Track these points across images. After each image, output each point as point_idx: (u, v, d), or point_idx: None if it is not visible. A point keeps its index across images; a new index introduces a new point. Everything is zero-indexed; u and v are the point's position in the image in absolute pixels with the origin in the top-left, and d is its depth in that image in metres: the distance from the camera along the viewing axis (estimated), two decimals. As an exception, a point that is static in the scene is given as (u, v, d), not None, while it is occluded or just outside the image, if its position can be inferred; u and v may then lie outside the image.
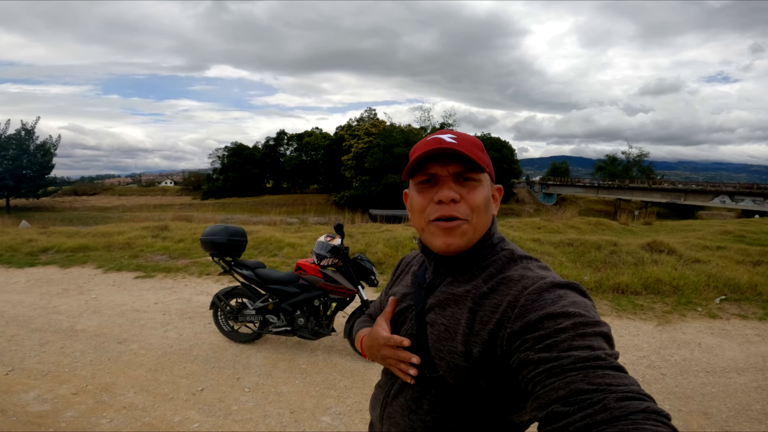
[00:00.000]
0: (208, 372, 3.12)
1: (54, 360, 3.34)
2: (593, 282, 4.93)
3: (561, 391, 0.54)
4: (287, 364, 3.22)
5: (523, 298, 0.66)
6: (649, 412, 0.49)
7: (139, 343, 3.63)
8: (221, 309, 3.55)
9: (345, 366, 3.19)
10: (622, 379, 0.54)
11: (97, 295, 5.09)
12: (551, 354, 0.57)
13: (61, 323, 4.13)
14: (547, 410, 0.54)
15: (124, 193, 66.84)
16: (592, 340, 0.58)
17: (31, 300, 4.90)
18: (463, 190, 0.74)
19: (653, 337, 3.78)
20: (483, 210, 0.75)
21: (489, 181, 0.77)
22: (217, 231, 3.32)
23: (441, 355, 0.73)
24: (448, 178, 0.74)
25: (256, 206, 44.26)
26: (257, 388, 2.90)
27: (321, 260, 3.21)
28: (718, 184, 43.29)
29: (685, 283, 4.83)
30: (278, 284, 3.29)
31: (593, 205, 50.51)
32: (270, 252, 7.14)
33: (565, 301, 0.64)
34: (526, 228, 10.28)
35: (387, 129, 45.21)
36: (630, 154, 53.94)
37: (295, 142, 59.32)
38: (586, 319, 0.61)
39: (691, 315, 4.30)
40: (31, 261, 7.00)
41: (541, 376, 0.57)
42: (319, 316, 3.28)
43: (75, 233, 9.32)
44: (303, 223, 12.87)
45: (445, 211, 0.73)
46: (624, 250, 5.91)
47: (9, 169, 38.91)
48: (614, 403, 0.50)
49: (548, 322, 0.61)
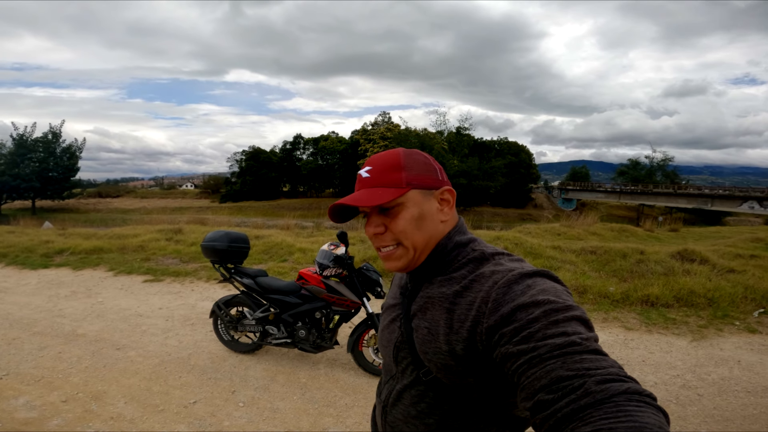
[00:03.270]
0: (203, 383, 2.95)
1: (50, 365, 3.26)
2: (620, 293, 4.59)
3: (543, 380, 0.54)
4: (286, 378, 3.02)
5: (494, 292, 0.67)
6: (631, 393, 0.50)
7: (137, 350, 3.50)
8: (221, 318, 3.39)
9: (347, 382, 2.97)
10: (600, 362, 0.54)
11: (104, 298, 5.02)
12: (528, 345, 0.58)
13: (63, 327, 4.05)
14: (534, 399, 0.54)
15: (146, 196, 68.39)
16: (566, 326, 0.58)
17: (39, 302, 4.87)
18: (386, 219, 0.77)
19: (688, 354, 3.44)
20: (412, 230, 0.76)
21: (418, 195, 0.77)
22: (217, 237, 3.16)
23: (428, 357, 0.74)
24: (371, 212, 0.79)
25: (273, 210, 44.69)
26: (253, 402, 2.71)
27: (323, 270, 3.00)
28: (746, 189, 41.53)
29: (720, 295, 4.44)
30: (279, 294, 3.11)
31: (614, 211, 49.16)
32: (280, 257, 7.00)
33: (534, 290, 0.64)
34: (546, 234, 9.90)
35: (402, 133, 45.01)
36: (654, 159, 52.29)
37: (311, 146, 59.73)
38: (557, 305, 0.61)
39: (728, 329, 3.93)
40: (45, 262, 7.04)
41: (523, 367, 0.57)
42: (321, 328, 3.07)
43: (92, 235, 9.42)
44: (317, 227, 12.76)
45: (376, 243, 0.80)
46: (652, 259, 5.52)
47: (36, 171, 40.23)
48: (595, 387, 0.50)
49: (520, 314, 0.62)
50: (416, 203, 0.77)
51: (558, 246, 6.70)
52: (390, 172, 0.77)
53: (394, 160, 0.79)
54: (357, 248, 6.84)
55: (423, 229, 0.77)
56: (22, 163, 40.06)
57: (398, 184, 0.76)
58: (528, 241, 7.19)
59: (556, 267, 5.65)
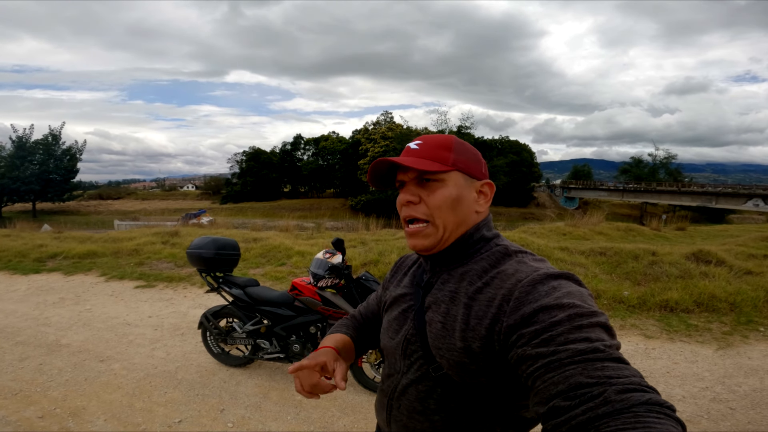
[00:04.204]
0: (190, 400, 2.72)
1: (29, 378, 3.05)
2: (636, 298, 4.33)
3: (561, 385, 0.53)
4: (280, 395, 2.78)
5: (516, 291, 0.65)
6: (652, 404, 0.48)
7: (121, 363, 3.28)
8: (209, 330, 3.15)
9: (346, 400, 2.72)
10: (623, 370, 0.52)
11: (92, 305, 4.80)
12: (549, 348, 0.56)
13: (47, 336, 3.83)
14: (549, 405, 0.53)
15: (147, 198, 68.23)
16: (590, 332, 0.57)
17: (25, 310, 4.66)
18: (423, 192, 0.76)
19: (715, 364, 3.20)
20: (447, 209, 0.75)
21: (461, 178, 0.77)
22: (204, 244, 2.92)
23: (441, 353, 0.73)
24: (410, 182, 0.78)
25: (273, 210, 44.49)
26: (242, 422, 2.47)
27: (318, 281, 2.73)
28: (750, 187, 41.15)
29: (742, 300, 4.18)
30: (270, 306, 2.86)
31: (617, 209, 48.83)
32: (278, 261, 6.77)
33: (560, 292, 0.63)
34: (551, 235, 9.65)
35: (403, 132, 44.71)
36: (656, 156, 51.88)
37: (312, 147, 59.49)
38: (582, 309, 0.59)
39: (753, 336, 3.69)
40: (37, 267, 6.83)
41: (540, 371, 0.56)
42: (317, 342, 2.83)
43: (87, 238, 9.21)
44: (318, 228, 12.54)
45: (406, 212, 0.78)
46: (666, 261, 5.26)
47: (36, 174, 40.12)
48: (615, 396, 0.49)
49: (543, 315, 0.60)
50: (457, 185, 0.76)
51: (565, 247, 6.45)
52: (439, 150, 0.77)
53: (445, 141, 0.79)
54: (357, 251, 6.59)
55: (457, 212, 0.76)
56: (22, 166, 39.97)
57: (445, 162, 0.76)
58: (534, 241, 6.94)
59: (565, 270, 5.41)
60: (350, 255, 6.18)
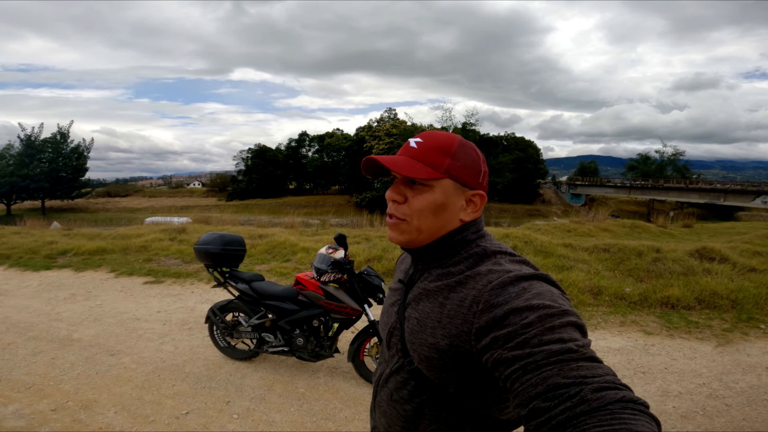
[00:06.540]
0: (197, 392, 2.80)
1: (42, 372, 3.15)
2: (637, 294, 4.35)
3: (539, 387, 0.54)
4: (284, 387, 2.86)
5: (486, 293, 0.66)
6: (626, 401, 0.50)
7: (131, 356, 3.37)
8: (216, 324, 3.23)
9: (348, 392, 2.80)
10: (597, 369, 0.54)
11: (103, 301, 4.91)
12: (524, 351, 0.57)
13: (59, 331, 3.94)
14: (529, 406, 0.54)
15: (154, 195, 68.80)
16: (562, 332, 0.58)
17: (37, 305, 4.78)
18: (410, 192, 0.77)
19: (713, 361, 3.22)
20: (428, 213, 0.75)
21: (451, 186, 0.76)
22: (211, 240, 3.00)
23: (413, 347, 0.75)
24: (400, 180, 0.79)
25: (279, 207, 44.68)
26: (247, 414, 2.55)
27: (321, 275, 2.80)
28: (759, 184, 40.60)
29: (744, 297, 4.19)
30: (275, 300, 2.94)
31: (624, 206, 48.43)
32: (283, 257, 6.85)
33: (530, 293, 0.63)
34: (555, 231, 9.64)
35: (408, 129, 44.65)
36: (664, 153, 51.32)
37: (316, 144, 59.58)
38: (552, 310, 0.60)
39: (754, 333, 3.70)
40: (48, 264, 6.97)
41: (518, 373, 0.57)
42: (320, 336, 2.90)
43: (96, 235, 9.35)
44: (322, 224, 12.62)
45: (389, 208, 0.80)
46: (669, 258, 5.27)
47: (45, 172, 40.60)
48: (591, 395, 0.51)
49: (514, 317, 0.61)
50: (445, 193, 0.76)
51: (569, 244, 6.47)
52: (436, 153, 0.76)
53: (446, 143, 0.77)
54: (361, 247, 6.66)
55: (438, 218, 0.76)
56: (31, 164, 40.45)
57: (438, 167, 0.75)
58: (538, 238, 6.96)
59: (568, 266, 5.43)
60: (354, 251, 6.25)
